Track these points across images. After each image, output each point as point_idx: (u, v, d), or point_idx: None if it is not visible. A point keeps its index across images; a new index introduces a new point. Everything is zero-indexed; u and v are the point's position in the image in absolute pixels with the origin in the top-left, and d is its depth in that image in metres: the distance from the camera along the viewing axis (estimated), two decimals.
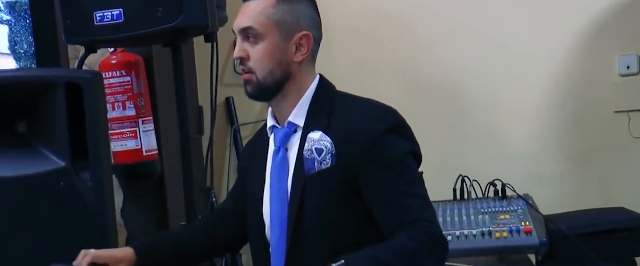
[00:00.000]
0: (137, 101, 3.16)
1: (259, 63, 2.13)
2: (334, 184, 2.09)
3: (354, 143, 2.08)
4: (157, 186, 3.41)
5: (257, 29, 2.12)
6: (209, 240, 2.38)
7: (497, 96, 3.75)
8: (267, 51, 2.13)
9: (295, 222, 2.12)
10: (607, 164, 3.69)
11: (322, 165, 2.10)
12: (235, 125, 3.93)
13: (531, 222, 3.10)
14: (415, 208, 2.03)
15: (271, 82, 2.15)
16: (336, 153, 2.09)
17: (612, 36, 3.64)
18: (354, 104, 2.18)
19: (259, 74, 2.14)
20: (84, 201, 2.49)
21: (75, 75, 2.59)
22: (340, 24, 3.73)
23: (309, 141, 2.13)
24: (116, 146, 3.12)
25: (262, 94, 2.18)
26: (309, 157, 2.11)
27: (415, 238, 1.97)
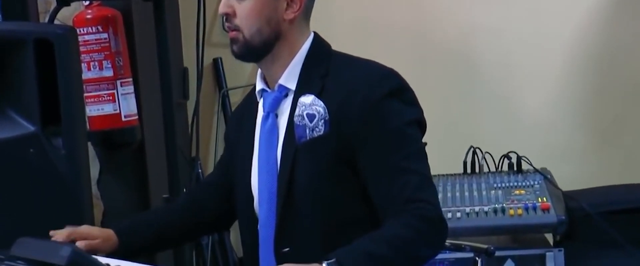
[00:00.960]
0: (115, 61, 3.15)
1: (246, 21, 2.12)
2: (327, 154, 2.08)
3: (349, 108, 2.07)
4: (137, 155, 3.41)
5: None
6: (195, 218, 2.39)
7: (513, 59, 3.76)
8: (255, 7, 2.12)
9: (285, 195, 2.12)
10: (632, 137, 3.71)
11: (314, 132, 2.09)
12: (223, 89, 3.93)
13: (549, 199, 3.12)
14: (411, 186, 2.02)
15: (259, 42, 2.14)
16: (330, 119, 2.08)
17: None
18: (352, 65, 2.17)
19: (246, 32, 2.13)
20: (56, 170, 2.50)
21: (46, 30, 2.59)
22: None
23: (300, 105, 2.12)
24: (92, 111, 3.13)
25: (250, 54, 2.17)
26: (299, 123, 2.11)
27: (410, 226, 1.97)
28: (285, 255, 2.12)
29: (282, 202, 2.12)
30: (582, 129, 3.74)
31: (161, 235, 2.35)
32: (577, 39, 3.71)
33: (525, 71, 3.75)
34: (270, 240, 2.15)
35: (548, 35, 3.72)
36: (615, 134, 3.73)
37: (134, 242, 2.28)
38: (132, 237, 2.28)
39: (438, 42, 3.79)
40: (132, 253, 2.25)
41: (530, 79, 3.75)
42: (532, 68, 3.74)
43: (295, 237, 2.11)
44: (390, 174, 2.04)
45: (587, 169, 3.65)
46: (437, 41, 3.79)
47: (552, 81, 3.74)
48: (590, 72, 3.72)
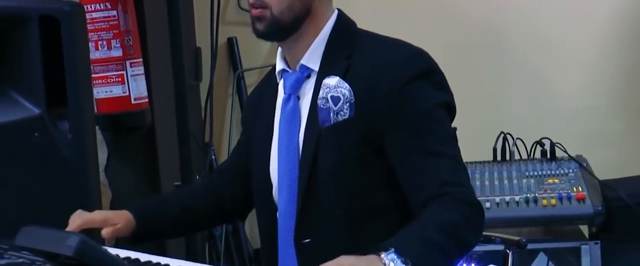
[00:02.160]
0: (124, 40, 3.16)
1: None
2: (353, 139, 2.08)
3: (376, 90, 2.06)
4: (147, 140, 3.42)
5: None
6: (213, 205, 2.40)
7: (547, 38, 3.75)
8: None
9: (307, 182, 2.11)
10: None
11: (339, 116, 2.08)
12: (238, 70, 3.93)
13: (584, 188, 3.12)
14: (445, 169, 2.02)
15: (289, 19, 2.11)
16: (355, 103, 2.07)
17: None
18: (379, 45, 2.16)
19: (275, 9, 2.10)
20: (62, 155, 2.51)
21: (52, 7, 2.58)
22: None
23: (324, 87, 2.11)
24: (100, 93, 3.13)
25: (278, 32, 2.14)
26: (323, 106, 2.10)
27: (454, 210, 1.95)
28: (306, 246, 2.12)
29: (303, 190, 2.12)
30: (621, 113, 3.74)
31: (180, 221, 2.36)
32: (616, 17, 3.70)
33: (559, 52, 3.75)
34: (290, 230, 2.15)
35: (584, 13, 3.71)
36: None
37: (152, 226, 2.29)
38: (151, 221, 2.28)
39: (466, 22, 3.79)
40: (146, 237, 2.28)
41: (565, 60, 3.75)
42: (567, 48, 3.74)
43: (317, 227, 2.10)
44: (421, 157, 2.03)
45: (626, 156, 3.65)
46: (465, 20, 3.79)
47: (589, 62, 3.73)
48: (629, 53, 3.71)
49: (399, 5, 3.81)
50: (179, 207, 2.36)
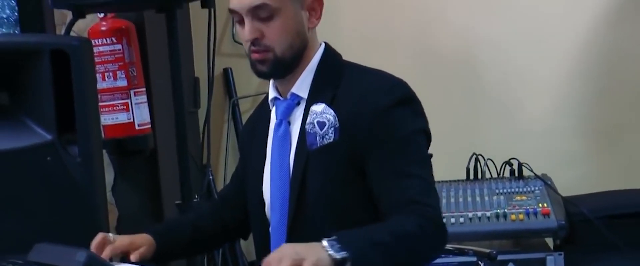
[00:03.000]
0: (128, 71, 3.16)
1: (278, 39, 2.08)
2: (338, 161, 2.07)
3: (360, 116, 2.06)
4: (150, 162, 3.42)
5: (272, 4, 2.06)
6: (220, 227, 2.39)
7: (515, 66, 3.75)
8: (286, 24, 2.09)
9: (297, 200, 2.11)
10: (632, 143, 3.70)
11: (325, 140, 2.08)
12: (233, 98, 3.93)
13: (549, 204, 3.12)
14: (415, 190, 2.01)
15: (291, 56, 2.11)
16: (340, 127, 2.07)
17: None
18: (363, 75, 2.16)
19: (278, 50, 2.09)
20: (72, 178, 2.50)
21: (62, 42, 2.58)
22: None
23: (311, 114, 2.11)
24: (106, 119, 3.13)
25: (283, 70, 2.13)
26: (311, 131, 2.10)
27: (414, 221, 1.94)
28: None
29: (294, 207, 2.12)
30: (582, 135, 3.74)
31: (193, 242, 2.35)
32: (577, 47, 3.70)
33: (525, 80, 3.75)
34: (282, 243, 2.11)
35: (548, 45, 3.71)
36: (614, 141, 3.72)
37: (169, 245, 2.27)
38: (168, 241, 2.27)
39: (441, 53, 3.79)
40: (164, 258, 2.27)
41: (531, 88, 3.75)
42: (532, 77, 3.74)
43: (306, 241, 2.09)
44: (395, 177, 2.02)
45: (587, 175, 3.64)
46: (440, 52, 3.79)
47: (552, 89, 3.74)
48: (589, 79, 3.71)
49: (382, 39, 3.81)
50: (192, 230, 2.35)
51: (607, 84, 3.70)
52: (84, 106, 2.50)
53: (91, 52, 2.66)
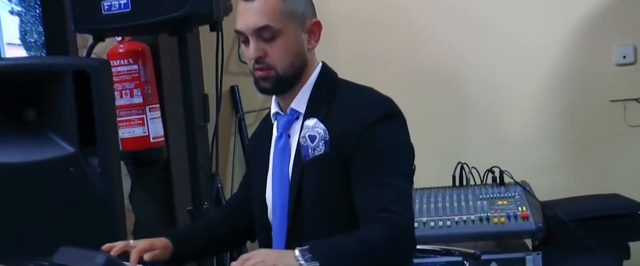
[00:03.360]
0: (144, 89, 3.16)
1: (280, 58, 2.09)
2: (329, 170, 2.08)
3: (349, 130, 2.07)
4: (164, 172, 3.42)
5: (274, 25, 2.07)
6: (231, 231, 2.39)
7: (496, 84, 3.75)
8: (287, 44, 2.09)
9: (294, 206, 2.12)
10: (603, 152, 3.70)
11: (316, 151, 2.08)
12: (239, 113, 3.93)
13: (528, 208, 3.12)
14: (387, 199, 2.00)
15: (292, 74, 2.11)
16: (331, 140, 2.07)
17: (610, 26, 3.64)
18: (353, 93, 2.16)
19: (280, 68, 2.09)
20: (92, 187, 2.51)
21: (84, 63, 2.60)
22: (343, 13, 3.74)
23: (304, 128, 2.12)
24: (124, 133, 3.13)
25: (284, 86, 2.13)
26: (304, 144, 2.10)
27: (381, 230, 1.95)
28: None
29: (292, 211, 2.12)
30: (557, 146, 3.74)
31: (207, 245, 2.35)
32: (551, 65, 3.71)
33: (505, 95, 3.76)
34: (282, 244, 2.15)
35: (525, 63, 3.72)
36: (585, 150, 3.72)
37: (187, 248, 2.27)
38: (186, 244, 2.27)
39: (429, 72, 3.79)
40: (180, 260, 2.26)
41: (510, 103, 3.75)
42: (512, 92, 3.75)
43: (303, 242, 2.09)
44: (371, 186, 2.02)
45: (562, 181, 3.64)
46: (428, 70, 3.79)
47: (530, 104, 3.74)
48: (562, 94, 3.72)
49: (375, 58, 3.82)
50: (207, 234, 2.35)
51: (578, 99, 3.70)
52: (103, 121, 2.52)
53: (110, 72, 2.68)
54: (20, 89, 2.51)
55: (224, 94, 3.79)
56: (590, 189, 3.48)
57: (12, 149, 2.51)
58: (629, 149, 3.64)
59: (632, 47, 3.63)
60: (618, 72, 3.65)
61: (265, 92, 2.15)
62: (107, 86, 2.59)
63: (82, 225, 2.48)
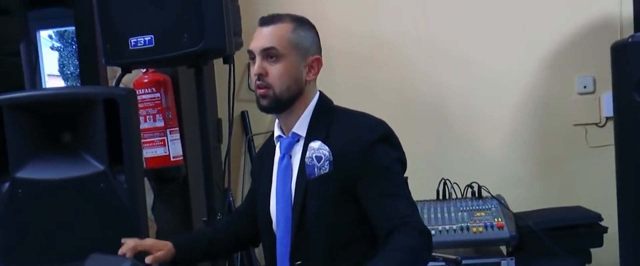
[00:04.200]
0: (165, 114, 3.17)
1: (278, 80, 2.09)
2: (332, 188, 2.07)
3: (349, 151, 2.07)
4: (182, 187, 3.42)
5: (279, 49, 2.09)
6: (233, 237, 2.38)
7: (474, 110, 3.76)
8: (287, 68, 2.10)
9: (298, 220, 2.11)
10: (567, 169, 3.70)
11: (322, 171, 2.08)
12: (249, 135, 3.94)
13: (503, 219, 3.11)
14: (402, 207, 2.01)
15: (287, 97, 2.12)
16: (333, 160, 2.08)
17: (572, 60, 3.65)
18: (350, 117, 2.17)
19: (277, 89, 2.10)
20: (119, 200, 2.50)
21: (113, 92, 2.60)
22: (341, 48, 3.75)
23: (310, 149, 2.11)
24: (147, 153, 3.14)
25: (277, 107, 2.13)
26: (310, 163, 2.10)
27: (414, 237, 1.94)
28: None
29: (296, 225, 2.12)
30: (528, 164, 3.74)
31: (208, 250, 2.35)
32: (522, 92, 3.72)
33: (482, 120, 3.76)
34: (286, 255, 2.15)
35: (500, 91, 3.72)
36: (553, 168, 3.72)
37: (188, 254, 2.27)
38: (187, 250, 2.27)
39: (417, 98, 3.80)
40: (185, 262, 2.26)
41: (487, 126, 3.75)
42: (488, 117, 3.75)
43: (306, 253, 2.11)
44: (384, 198, 2.03)
45: (532, 195, 3.63)
46: (416, 97, 3.80)
47: (504, 127, 3.74)
48: (533, 118, 3.72)
49: (368, 87, 3.82)
50: (208, 240, 2.35)
51: (545, 123, 3.71)
52: (129, 143, 2.52)
53: (136, 99, 2.69)
54: (58, 115, 2.51)
55: (235, 119, 3.79)
56: (557, 202, 3.48)
57: (51, 167, 2.51)
58: (590, 167, 3.64)
59: (592, 78, 3.64)
60: (580, 100, 3.66)
61: (264, 110, 2.15)
62: (133, 111, 2.59)
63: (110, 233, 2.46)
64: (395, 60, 3.82)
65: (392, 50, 3.81)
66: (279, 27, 2.11)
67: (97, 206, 2.50)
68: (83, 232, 2.48)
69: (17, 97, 2.52)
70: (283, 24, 2.11)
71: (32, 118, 2.50)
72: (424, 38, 3.78)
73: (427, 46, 3.78)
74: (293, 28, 2.12)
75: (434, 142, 3.78)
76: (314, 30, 2.18)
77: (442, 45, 3.77)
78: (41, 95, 2.61)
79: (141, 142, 2.89)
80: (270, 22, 2.13)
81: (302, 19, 2.17)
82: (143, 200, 2.64)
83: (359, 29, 3.83)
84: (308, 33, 2.15)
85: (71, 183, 2.50)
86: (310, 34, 2.16)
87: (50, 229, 2.50)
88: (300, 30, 2.13)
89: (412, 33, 3.79)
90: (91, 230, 2.48)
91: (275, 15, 2.14)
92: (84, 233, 2.48)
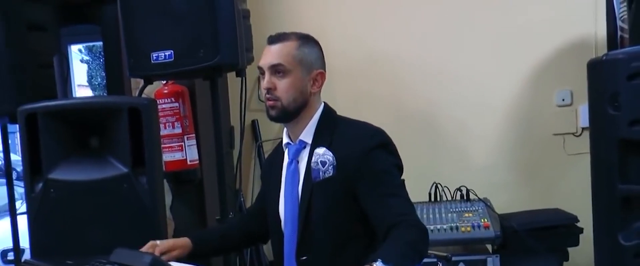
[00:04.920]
0: (183, 122, 3.17)
1: (285, 93, 2.09)
2: (335, 189, 2.07)
3: (351, 156, 2.06)
4: (198, 188, 3.41)
5: (286, 65, 2.09)
6: (244, 234, 2.38)
7: (462, 121, 3.74)
8: (293, 83, 2.10)
9: (304, 219, 2.10)
10: (547, 175, 3.68)
11: (326, 174, 2.08)
12: (259, 141, 3.93)
13: (489, 220, 3.11)
14: (400, 206, 2.01)
15: (293, 108, 2.12)
16: (336, 165, 2.07)
17: (551, 76, 3.64)
18: (352, 126, 2.17)
19: (284, 101, 2.10)
20: (141, 200, 2.49)
21: (136, 102, 2.59)
22: (341, 66, 3.74)
23: (315, 155, 2.11)
24: (167, 157, 3.13)
25: (285, 117, 2.13)
26: (315, 168, 2.09)
27: (413, 232, 1.94)
28: (304, 262, 2.11)
29: (302, 224, 2.11)
30: (512, 170, 3.72)
31: (222, 245, 2.36)
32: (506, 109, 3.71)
33: (470, 129, 3.74)
34: (293, 250, 2.14)
35: (486, 107, 3.72)
36: (534, 173, 3.71)
37: (204, 248, 2.27)
38: (203, 244, 2.27)
39: (410, 111, 3.79)
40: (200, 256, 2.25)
41: (474, 135, 3.74)
42: (477, 127, 3.73)
43: (311, 249, 2.10)
44: (382, 198, 2.02)
45: (516, 198, 3.61)
46: (409, 110, 3.79)
47: (489, 136, 3.73)
48: (516, 128, 3.71)
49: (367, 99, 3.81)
50: (222, 237, 2.35)
51: (527, 132, 3.69)
52: (151, 148, 2.51)
53: (156, 108, 2.68)
54: (87, 122, 2.51)
55: (246, 127, 3.79)
56: (538, 204, 3.47)
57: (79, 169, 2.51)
58: (568, 172, 3.62)
59: (570, 92, 3.63)
60: (558, 112, 3.65)
61: (273, 120, 2.15)
62: (154, 119, 2.58)
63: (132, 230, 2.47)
64: (389, 76, 3.81)
65: (387, 67, 3.81)
66: (286, 44, 2.11)
67: (121, 205, 2.49)
68: (108, 228, 2.47)
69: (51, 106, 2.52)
70: (289, 42, 2.11)
71: (64, 124, 2.49)
72: (415, 56, 3.78)
73: (418, 64, 3.77)
74: (298, 45, 2.11)
75: (426, 150, 3.77)
76: (317, 46, 2.17)
77: (432, 63, 3.76)
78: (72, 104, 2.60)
79: (161, 147, 2.88)
80: (277, 40, 2.13)
81: (307, 36, 2.16)
82: (162, 200, 2.63)
83: (357, 48, 3.83)
84: (312, 49, 2.14)
85: (98, 184, 2.50)
86: (314, 50, 2.15)
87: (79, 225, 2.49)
88: (304, 47, 2.12)
89: (404, 52, 3.79)
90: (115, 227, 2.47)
91: (282, 34, 2.14)
92: (109, 230, 2.47)
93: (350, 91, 3.81)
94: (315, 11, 3.83)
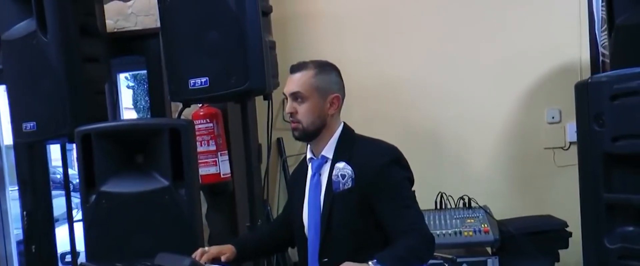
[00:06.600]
0: (217, 140, 3.17)
1: (305, 117, 2.12)
2: (353, 200, 2.07)
3: (367, 170, 2.07)
4: (230, 199, 3.40)
5: (304, 92, 2.11)
6: (276, 240, 2.39)
7: (464, 137, 3.72)
8: (311, 108, 2.12)
9: (326, 226, 2.11)
10: (540, 185, 3.64)
11: (345, 186, 2.08)
12: (283, 157, 3.92)
13: (488, 225, 3.09)
14: (412, 217, 2.01)
15: (313, 130, 2.14)
16: (355, 178, 2.07)
17: (542, 96, 3.61)
18: (368, 143, 2.18)
19: (305, 124, 2.12)
20: (181, 210, 2.51)
21: (176, 123, 2.62)
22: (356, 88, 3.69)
23: (336, 168, 2.12)
24: (202, 171, 3.13)
25: (306, 137, 2.16)
26: (336, 180, 2.10)
27: (415, 239, 1.94)
28: (325, 263, 2.11)
29: (324, 230, 2.12)
30: (508, 180, 3.68)
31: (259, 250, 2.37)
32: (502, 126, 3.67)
33: (472, 145, 3.71)
34: (315, 254, 2.14)
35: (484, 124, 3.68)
36: (528, 183, 3.66)
37: (245, 253, 2.28)
38: (245, 250, 2.28)
39: (417, 128, 3.77)
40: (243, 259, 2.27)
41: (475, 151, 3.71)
42: (476, 143, 3.70)
43: (331, 252, 2.10)
44: (396, 210, 2.02)
45: (512, 205, 3.57)
46: (417, 128, 3.77)
47: (488, 151, 3.70)
48: (511, 143, 3.67)
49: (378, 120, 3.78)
50: (259, 242, 2.37)
51: (521, 147, 3.65)
52: (189, 163, 2.53)
53: (194, 128, 2.71)
54: (133, 141, 2.53)
55: (272, 144, 3.78)
56: (532, 211, 3.44)
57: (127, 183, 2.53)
58: (558, 183, 3.58)
59: (559, 111, 3.60)
60: (549, 128, 3.61)
61: (297, 139, 2.18)
62: (192, 138, 2.60)
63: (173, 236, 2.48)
64: (399, 98, 3.80)
65: (397, 90, 3.80)
66: (304, 74, 2.12)
67: (163, 214, 2.51)
68: (152, 235, 2.49)
69: (102, 127, 2.57)
70: (307, 71, 2.13)
71: (114, 143, 2.52)
72: (422, 80, 3.76)
73: (425, 87, 3.76)
74: (315, 74, 2.12)
75: (432, 163, 3.75)
76: (334, 72, 2.18)
77: (437, 86, 3.75)
78: (120, 125, 2.64)
79: (198, 162, 2.88)
80: (297, 70, 2.15)
81: (325, 64, 2.17)
82: (199, 210, 2.64)
83: (369, 73, 3.83)
84: (328, 76, 2.15)
85: (142, 196, 2.51)
86: (330, 77, 2.16)
87: (126, 232, 2.51)
88: (320, 75, 2.13)
89: (412, 77, 3.77)
90: (158, 233, 2.49)
91: (301, 64, 2.16)
92: (153, 236, 2.49)
93: (365, 111, 3.79)
94: (333, 42, 3.84)
